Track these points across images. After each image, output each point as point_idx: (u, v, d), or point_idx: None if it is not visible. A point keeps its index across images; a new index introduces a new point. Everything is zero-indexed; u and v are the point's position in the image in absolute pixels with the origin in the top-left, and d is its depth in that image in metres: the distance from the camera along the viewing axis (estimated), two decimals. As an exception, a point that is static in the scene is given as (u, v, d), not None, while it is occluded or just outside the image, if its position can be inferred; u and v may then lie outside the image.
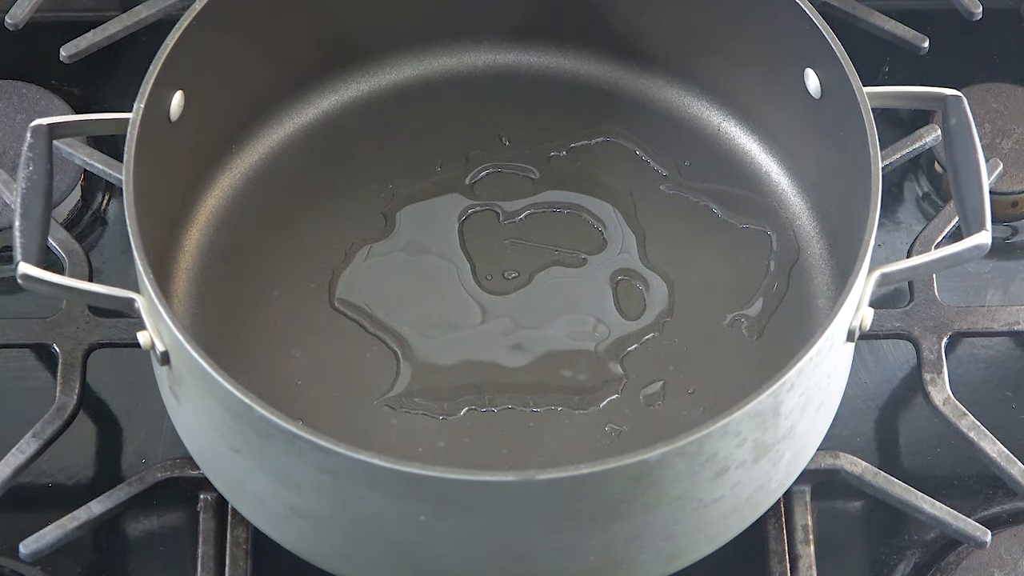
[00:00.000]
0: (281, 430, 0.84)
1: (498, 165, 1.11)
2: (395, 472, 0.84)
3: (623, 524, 0.88)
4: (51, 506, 1.02)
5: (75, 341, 1.06)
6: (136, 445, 1.07)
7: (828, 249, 1.06)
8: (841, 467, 1.02)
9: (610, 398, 1.02)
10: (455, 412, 1.01)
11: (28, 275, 0.91)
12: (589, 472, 0.83)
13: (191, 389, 0.91)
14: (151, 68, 0.96)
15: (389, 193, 1.10)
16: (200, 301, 1.05)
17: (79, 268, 1.08)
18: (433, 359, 1.04)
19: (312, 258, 1.07)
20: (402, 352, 1.04)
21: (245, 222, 1.08)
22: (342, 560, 0.94)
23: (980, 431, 1.03)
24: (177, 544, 1.04)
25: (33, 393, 1.08)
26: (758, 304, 1.05)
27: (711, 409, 1.00)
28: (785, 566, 1.01)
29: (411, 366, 1.03)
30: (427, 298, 1.06)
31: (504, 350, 1.04)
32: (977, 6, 1.19)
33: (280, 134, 1.11)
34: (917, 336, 1.07)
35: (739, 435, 0.86)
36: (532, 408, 1.01)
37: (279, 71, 1.09)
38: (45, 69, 1.20)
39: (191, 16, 0.98)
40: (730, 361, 1.02)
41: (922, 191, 1.18)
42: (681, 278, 1.06)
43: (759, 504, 0.95)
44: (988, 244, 0.93)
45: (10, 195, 1.08)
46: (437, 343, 1.04)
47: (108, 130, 0.97)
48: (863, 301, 0.92)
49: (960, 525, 1.00)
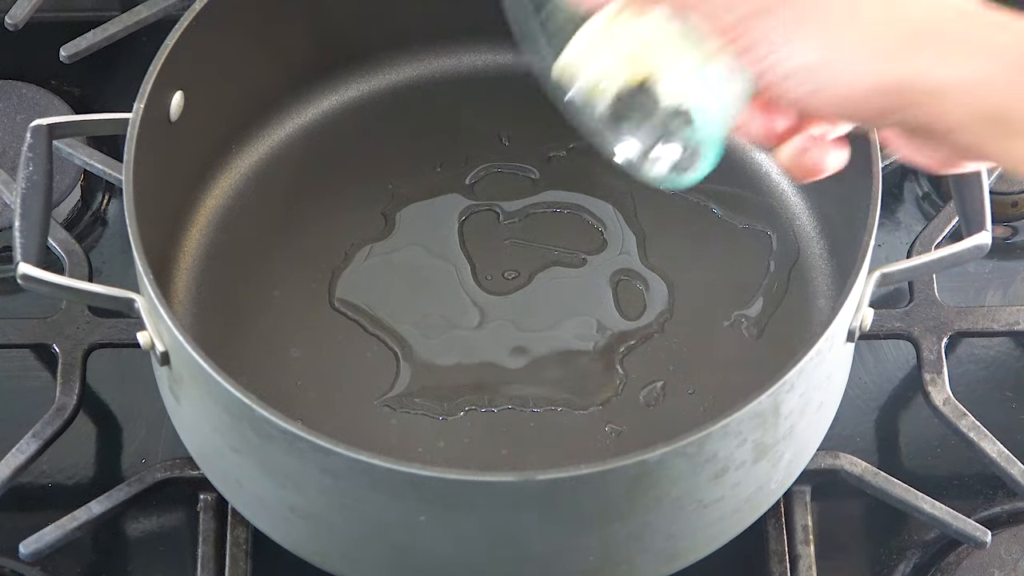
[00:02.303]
0: (281, 430, 0.84)
1: (498, 165, 1.11)
2: (395, 472, 0.84)
3: (623, 524, 0.88)
4: (51, 506, 1.02)
5: (75, 341, 1.06)
6: (136, 445, 1.07)
7: (828, 249, 1.06)
8: (841, 467, 1.02)
9: (610, 398, 1.02)
10: (455, 412, 1.01)
11: (28, 275, 0.91)
12: (589, 472, 0.83)
13: (191, 389, 0.91)
14: (151, 68, 0.96)
15: (389, 193, 1.10)
16: (200, 301, 1.05)
17: (79, 268, 1.08)
18: (433, 359, 1.04)
19: (312, 258, 1.07)
20: (402, 352, 1.04)
21: (245, 222, 1.08)
22: (342, 560, 0.94)
23: (980, 431, 1.03)
24: (177, 544, 1.04)
25: (33, 393, 1.08)
26: (758, 304, 1.05)
27: (711, 409, 1.00)
28: (785, 566, 1.01)
29: (411, 366, 1.03)
30: (427, 298, 1.06)
31: (504, 350, 1.04)
32: (977, 6, 1.19)
33: (280, 134, 1.11)
34: (917, 336, 1.07)
35: (739, 435, 0.86)
36: (532, 408, 1.01)
37: (279, 71, 1.09)
38: (45, 69, 1.20)
39: (191, 16, 0.98)
40: (730, 361, 1.02)
41: (922, 191, 1.18)
42: (681, 278, 1.06)
43: (759, 504, 0.95)
44: (988, 244, 0.93)
45: (10, 195, 1.08)
46: (437, 343, 1.04)
47: (108, 130, 0.97)
48: (863, 301, 0.92)
49: (960, 525, 1.00)
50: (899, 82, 0.71)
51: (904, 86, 0.71)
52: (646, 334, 1.04)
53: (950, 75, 0.70)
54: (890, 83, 0.71)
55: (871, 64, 0.71)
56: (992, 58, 0.70)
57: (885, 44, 0.71)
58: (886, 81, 0.71)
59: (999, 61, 0.70)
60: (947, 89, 0.70)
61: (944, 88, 0.70)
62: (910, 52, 0.70)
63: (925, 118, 0.71)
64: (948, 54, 0.70)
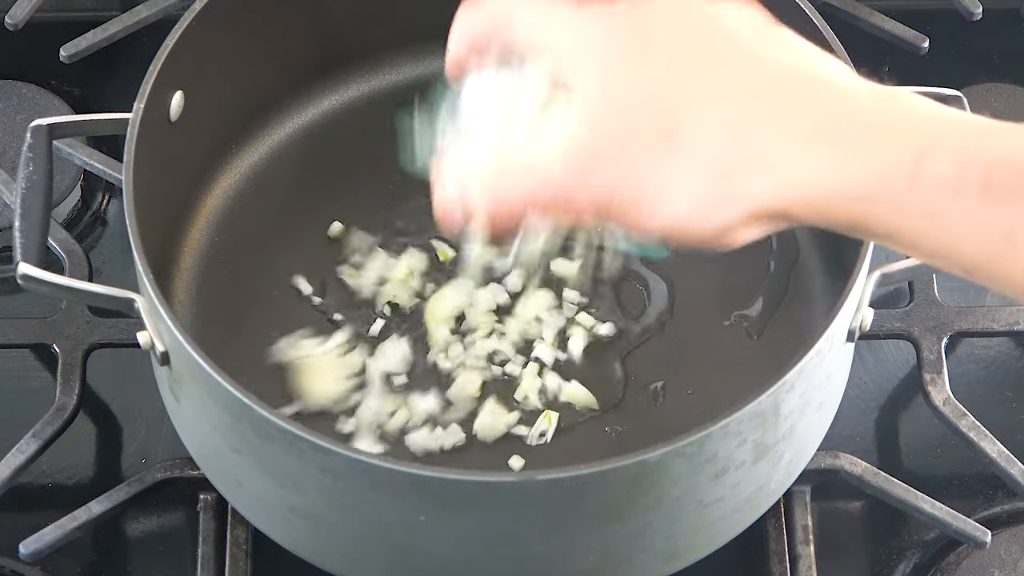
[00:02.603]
0: (281, 430, 0.84)
1: (498, 165, 1.11)
2: (395, 472, 0.84)
3: (623, 524, 0.88)
4: (51, 506, 1.02)
5: (75, 341, 1.06)
6: (136, 445, 1.07)
7: (828, 249, 1.06)
8: (841, 467, 1.02)
9: (610, 398, 1.02)
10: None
11: (28, 275, 0.91)
12: (589, 472, 0.83)
13: (191, 389, 0.91)
14: (151, 68, 0.96)
15: (389, 193, 1.10)
16: (200, 301, 1.05)
17: (79, 268, 1.08)
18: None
19: (312, 258, 1.07)
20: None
21: (245, 222, 1.08)
22: (342, 560, 0.94)
23: (980, 431, 1.03)
24: (177, 544, 1.04)
25: (33, 393, 1.08)
26: (758, 304, 1.05)
27: (711, 409, 0.99)
28: (785, 566, 1.00)
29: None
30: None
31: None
32: (977, 6, 1.19)
33: (280, 134, 1.11)
34: (917, 336, 1.07)
35: (739, 435, 0.86)
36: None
37: (279, 71, 1.09)
38: (45, 69, 1.20)
39: (191, 16, 0.98)
40: (730, 361, 1.02)
41: (922, 191, 1.18)
42: (681, 278, 1.06)
43: (759, 504, 0.95)
44: (988, 244, 0.93)
45: (10, 195, 1.08)
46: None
47: (108, 130, 0.97)
48: (863, 301, 0.92)
49: (960, 525, 1.00)
50: (750, 214, 0.70)
51: (761, 213, 0.70)
52: (646, 334, 1.04)
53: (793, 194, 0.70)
54: (747, 214, 0.71)
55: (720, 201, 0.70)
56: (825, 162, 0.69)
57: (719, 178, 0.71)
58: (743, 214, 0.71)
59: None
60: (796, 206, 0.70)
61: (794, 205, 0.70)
62: (743, 183, 0.70)
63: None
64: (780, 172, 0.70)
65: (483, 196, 0.75)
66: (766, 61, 0.71)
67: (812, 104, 0.69)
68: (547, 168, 0.73)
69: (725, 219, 0.71)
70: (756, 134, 0.69)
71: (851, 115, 0.69)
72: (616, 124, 0.71)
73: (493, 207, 0.74)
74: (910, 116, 0.69)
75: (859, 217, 0.69)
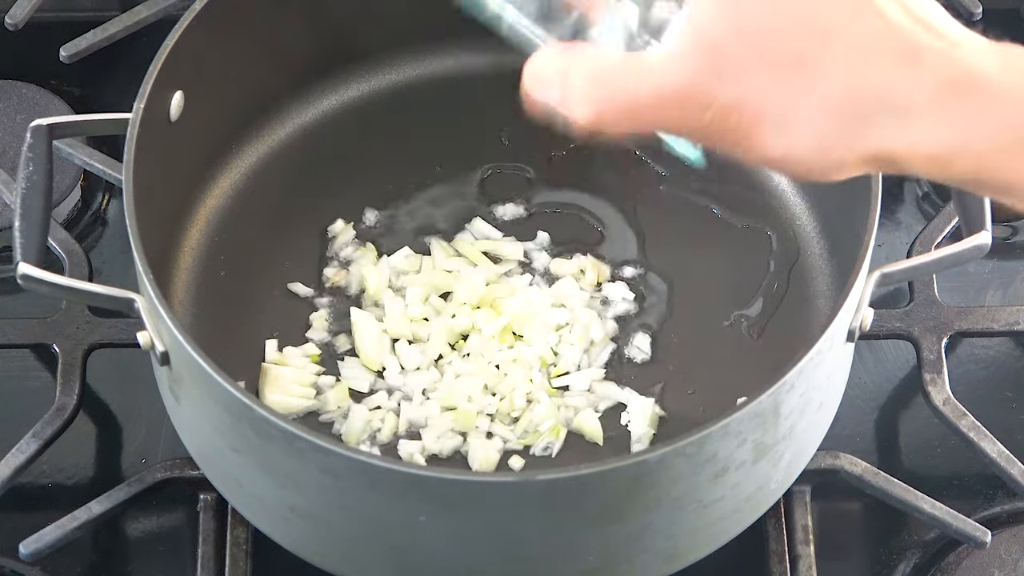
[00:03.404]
0: (281, 430, 0.84)
1: (498, 165, 1.11)
2: (395, 472, 0.84)
3: (623, 524, 0.88)
4: (51, 506, 1.02)
5: (75, 341, 1.06)
6: (136, 445, 1.07)
7: (828, 249, 1.06)
8: (841, 467, 1.02)
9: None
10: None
11: (28, 275, 0.91)
12: (589, 472, 0.83)
13: (191, 389, 0.91)
14: (151, 68, 0.96)
15: (389, 193, 1.10)
16: (200, 301, 1.05)
17: (79, 268, 1.08)
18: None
19: (312, 258, 1.07)
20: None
21: (245, 222, 1.08)
22: (342, 560, 0.94)
23: (980, 431, 1.03)
24: (177, 544, 1.04)
25: (33, 393, 1.08)
26: (758, 304, 1.05)
27: (711, 409, 1.00)
28: (785, 566, 1.00)
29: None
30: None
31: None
32: (977, 6, 1.19)
33: (280, 134, 1.11)
34: (917, 336, 1.07)
35: (739, 435, 0.86)
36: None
37: (279, 71, 1.09)
38: (45, 69, 1.20)
39: (191, 16, 0.98)
40: (730, 361, 1.02)
41: (922, 191, 1.18)
42: (681, 278, 1.06)
43: (759, 504, 0.95)
44: (988, 244, 0.93)
45: (10, 195, 1.08)
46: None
47: (108, 130, 0.97)
48: (863, 301, 0.91)
49: (960, 525, 1.00)
50: (866, 155, 0.70)
51: (877, 157, 0.70)
52: (646, 334, 1.04)
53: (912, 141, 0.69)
54: (861, 157, 0.70)
55: (840, 143, 0.70)
56: (943, 122, 0.69)
57: (843, 120, 0.69)
58: (857, 155, 0.70)
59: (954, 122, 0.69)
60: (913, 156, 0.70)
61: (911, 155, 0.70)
62: (867, 125, 0.69)
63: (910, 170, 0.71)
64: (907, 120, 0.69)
65: (590, 86, 0.70)
66: (899, 5, 0.69)
67: (941, 56, 0.69)
68: (671, 65, 0.69)
69: (843, 158, 0.70)
70: (886, 78, 0.68)
71: (979, 71, 0.68)
72: (754, 21, 0.68)
73: (601, 100, 0.70)
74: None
75: (980, 171, 0.69)
